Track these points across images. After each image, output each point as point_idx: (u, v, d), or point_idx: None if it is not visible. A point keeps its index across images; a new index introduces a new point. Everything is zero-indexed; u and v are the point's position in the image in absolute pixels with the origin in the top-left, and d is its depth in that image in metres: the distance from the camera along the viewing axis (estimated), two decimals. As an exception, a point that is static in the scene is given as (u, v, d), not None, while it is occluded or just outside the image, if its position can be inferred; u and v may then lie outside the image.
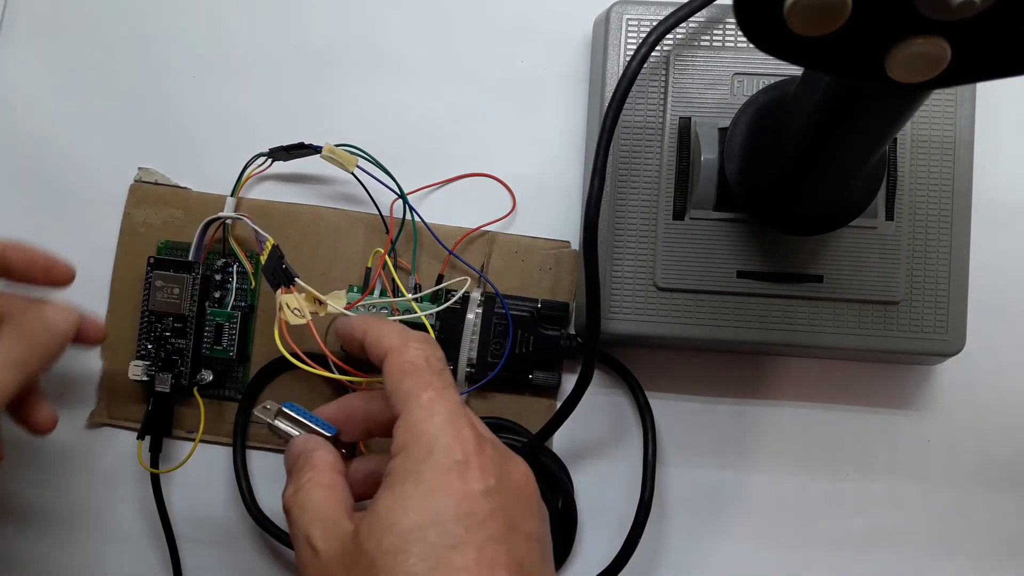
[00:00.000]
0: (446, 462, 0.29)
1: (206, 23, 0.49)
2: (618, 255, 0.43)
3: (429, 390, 0.31)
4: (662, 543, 0.46)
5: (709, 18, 0.43)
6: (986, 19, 0.22)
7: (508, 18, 0.48)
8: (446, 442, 0.30)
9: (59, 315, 0.37)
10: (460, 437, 0.30)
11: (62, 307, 0.38)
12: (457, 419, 0.31)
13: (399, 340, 0.33)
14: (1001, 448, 0.46)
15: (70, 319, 0.38)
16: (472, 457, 0.30)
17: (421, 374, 0.32)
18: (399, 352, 0.33)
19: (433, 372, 0.32)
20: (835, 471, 0.46)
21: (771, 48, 0.25)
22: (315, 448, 0.34)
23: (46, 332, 0.37)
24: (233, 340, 0.46)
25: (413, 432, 0.30)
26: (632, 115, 0.43)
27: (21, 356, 0.35)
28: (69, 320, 0.38)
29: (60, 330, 0.37)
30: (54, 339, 0.37)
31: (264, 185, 0.48)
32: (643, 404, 0.45)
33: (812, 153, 0.34)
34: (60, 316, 0.37)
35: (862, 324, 0.42)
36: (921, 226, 0.42)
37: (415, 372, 0.32)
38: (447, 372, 0.33)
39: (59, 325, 0.37)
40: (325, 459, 0.34)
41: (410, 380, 0.32)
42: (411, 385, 0.31)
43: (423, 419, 0.30)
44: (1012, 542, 0.46)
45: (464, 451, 0.30)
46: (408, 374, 0.32)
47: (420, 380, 0.32)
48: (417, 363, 0.32)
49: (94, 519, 0.47)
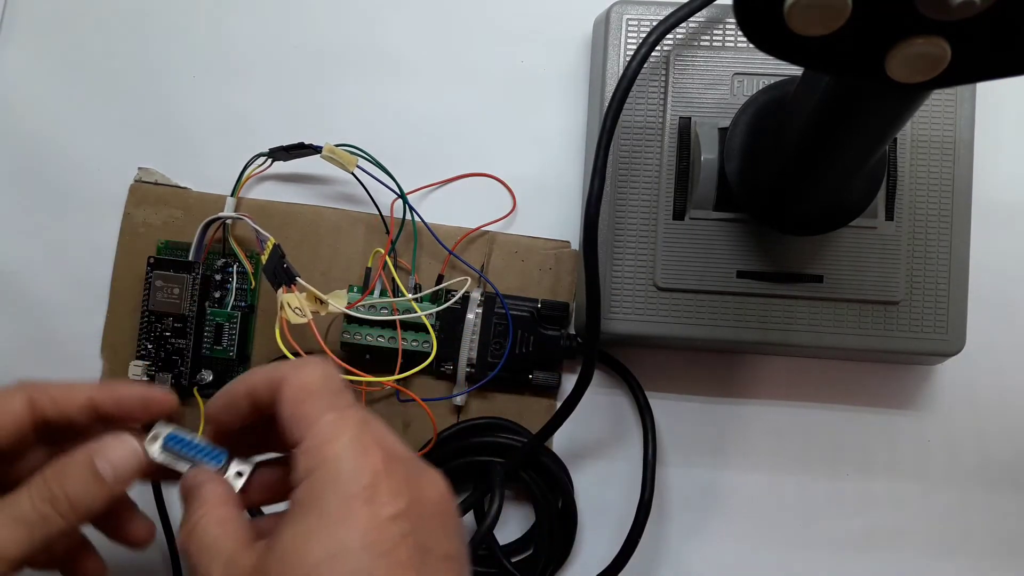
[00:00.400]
0: (353, 488, 0.28)
1: (206, 23, 0.49)
2: (618, 255, 0.43)
3: (330, 412, 0.29)
4: (662, 543, 0.46)
5: (709, 18, 0.43)
6: (986, 19, 0.22)
7: (508, 18, 0.48)
8: (351, 466, 0.28)
9: (112, 452, 0.31)
10: (367, 459, 0.28)
11: (119, 444, 0.32)
12: (363, 439, 0.29)
13: (291, 367, 0.31)
14: (1001, 448, 0.46)
15: (123, 461, 0.31)
16: (380, 480, 0.28)
17: (320, 396, 0.30)
18: (293, 378, 0.30)
19: (333, 392, 0.30)
20: (835, 471, 0.46)
21: (771, 48, 0.25)
22: (203, 482, 0.31)
23: (83, 476, 0.31)
24: (233, 340, 0.46)
25: (316, 457, 0.28)
26: (632, 115, 0.43)
27: (40, 515, 0.30)
28: (122, 462, 0.31)
29: (104, 475, 0.31)
30: (93, 486, 0.31)
31: (264, 185, 0.48)
32: (643, 404, 0.45)
33: (812, 153, 0.34)
34: (112, 454, 0.31)
35: (862, 324, 0.42)
36: (921, 226, 0.42)
37: (313, 395, 0.30)
38: (347, 391, 0.31)
39: (105, 467, 0.31)
40: (215, 492, 0.31)
41: (309, 404, 0.29)
42: (310, 408, 0.29)
43: (326, 442, 0.28)
44: (1012, 542, 0.46)
45: (372, 474, 0.28)
46: (306, 399, 0.30)
47: (320, 403, 0.29)
48: (315, 386, 0.30)
49: (94, 519, 0.47)
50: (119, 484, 0.31)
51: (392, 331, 0.45)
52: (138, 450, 0.32)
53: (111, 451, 0.31)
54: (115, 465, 0.31)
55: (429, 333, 0.44)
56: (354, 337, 0.45)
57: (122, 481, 0.31)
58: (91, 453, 0.31)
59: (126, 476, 0.31)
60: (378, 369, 0.44)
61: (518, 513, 0.46)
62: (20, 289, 0.48)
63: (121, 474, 0.31)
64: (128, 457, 0.32)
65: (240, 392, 0.31)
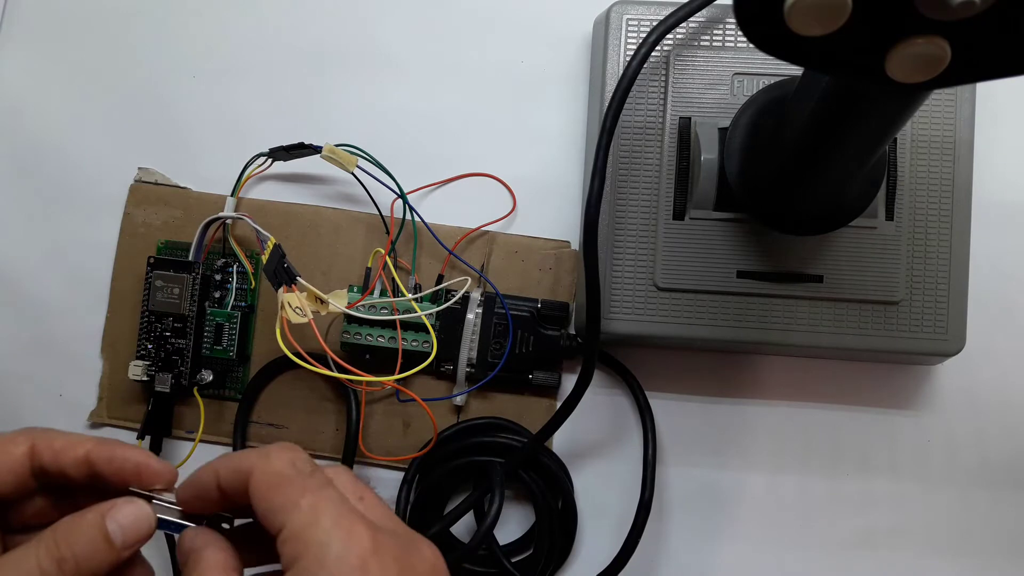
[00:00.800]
0: (344, 571, 0.27)
1: (206, 23, 0.49)
2: (618, 255, 0.43)
3: (307, 495, 0.28)
4: (662, 543, 0.46)
5: (709, 18, 0.43)
6: (986, 19, 0.22)
7: (508, 18, 0.48)
8: (338, 549, 0.27)
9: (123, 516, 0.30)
10: (353, 540, 0.27)
11: (131, 507, 0.30)
12: (345, 519, 0.28)
13: (257, 455, 0.29)
14: (1001, 448, 0.46)
15: (133, 526, 0.30)
16: (369, 559, 0.27)
17: (292, 481, 0.29)
18: (262, 466, 0.29)
19: (305, 476, 0.29)
20: (835, 471, 0.46)
21: (771, 48, 0.25)
22: (203, 546, 0.30)
23: (92, 538, 0.30)
24: (233, 340, 0.46)
25: (299, 544, 0.27)
26: (632, 115, 0.43)
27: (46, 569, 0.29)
28: (132, 526, 0.30)
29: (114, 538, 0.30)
30: (101, 548, 0.29)
31: (264, 185, 0.48)
32: (643, 404, 0.45)
33: (812, 153, 0.34)
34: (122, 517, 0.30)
35: (862, 324, 0.42)
36: (921, 226, 0.42)
37: (286, 481, 0.29)
38: (320, 471, 0.30)
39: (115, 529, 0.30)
40: (216, 559, 0.29)
41: (282, 490, 0.28)
42: (285, 496, 0.28)
43: (307, 527, 0.27)
44: (1012, 542, 0.46)
45: (360, 554, 0.27)
46: (279, 486, 0.29)
47: (293, 488, 0.28)
48: (285, 471, 0.29)
49: (94, 519, 0.47)
50: (127, 549, 0.30)
51: (392, 331, 0.45)
52: (150, 515, 0.31)
53: (123, 515, 0.30)
54: (125, 529, 0.30)
55: (429, 333, 0.44)
56: (354, 337, 0.45)
57: (130, 546, 0.30)
58: (103, 514, 0.30)
59: (135, 541, 0.30)
60: (378, 369, 0.44)
61: (518, 513, 0.46)
62: (20, 289, 0.48)
63: (130, 538, 0.30)
64: (139, 522, 0.30)
65: (207, 483, 0.30)
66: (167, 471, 0.32)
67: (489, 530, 0.41)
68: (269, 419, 0.47)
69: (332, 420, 0.46)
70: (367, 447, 0.45)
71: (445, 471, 0.44)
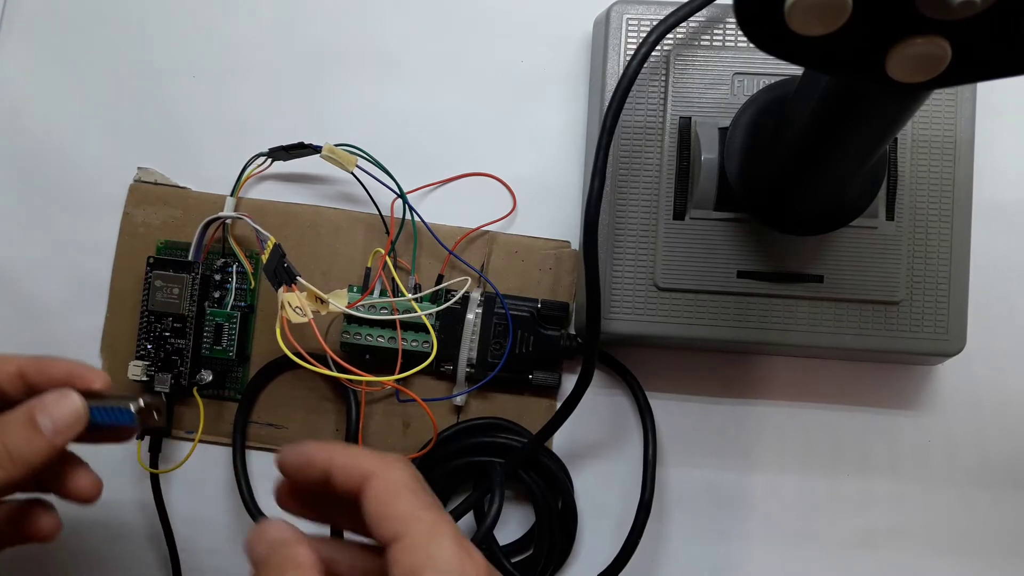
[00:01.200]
0: None
1: (206, 23, 0.49)
2: (618, 255, 0.43)
3: (431, 510, 0.29)
4: (662, 543, 0.46)
5: (709, 18, 0.43)
6: (986, 19, 0.22)
7: (508, 18, 0.48)
8: (459, 567, 0.28)
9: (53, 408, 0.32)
10: (472, 562, 0.28)
11: (60, 399, 0.32)
12: (465, 543, 0.29)
13: (380, 461, 0.30)
14: (1001, 448, 0.46)
15: (62, 416, 0.32)
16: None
17: (414, 494, 0.29)
18: (384, 473, 0.30)
19: (424, 492, 0.30)
20: (835, 471, 0.46)
21: (771, 48, 0.25)
22: (296, 542, 0.30)
23: (25, 430, 0.32)
24: (233, 340, 0.46)
25: (422, 555, 0.28)
26: (632, 115, 0.43)
27: None
28: (61, 416, 0.32)
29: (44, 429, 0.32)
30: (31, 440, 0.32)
31: (264, 185, 0.48)
32: (643, 404, 0.45)
33: (812, 153, 0.34)
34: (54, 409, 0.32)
35: (862, 324, 0.42)
36: (921, 226, 0.42)
37: (409, 493, 0.29)
38: (433, 495, 0.31)
39: (45, 421, 0.32)
40: (309, 558, 0.29)
41: (404, 501, 0.29)
42: (406, 507, 0.29)
43: (432, 542, 0.28)
44: (1012, 542, 0.46)
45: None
46: (402, 495, 0.29)
47: (415, 501, 0.29)
48: (410, 484, 0.30)
49: (94, 519, 0.47)
50: (59, 438, 0.32)
51: (392, 331, 0.45)
52: (79, 406, 0.32)
53: (52, 407, 0.32)
54: (55, 419, 0.32)
55: (429, 333, 0.44)
56: (354, 337, 0.45)
57: (62, 435, 0.32)
58: (32, 408, 0.32)
59: (66, 431, 0.32)
60: (378, 369, 0.44)
61: (518, 513, 0.46)
62: (20, 289, 0.48)
63: (61, 428, 0.32)
64: (68, 413, 0.32)
65: (317, 464, 0.31)
66: (98, 374, 0.34)
67: (489, 530, 0.41)
68: (269, 419, 0.47)
69: (332, 420, 0.46)
70: (367, 447, 0.45)
71: (445, 471, 0.44)
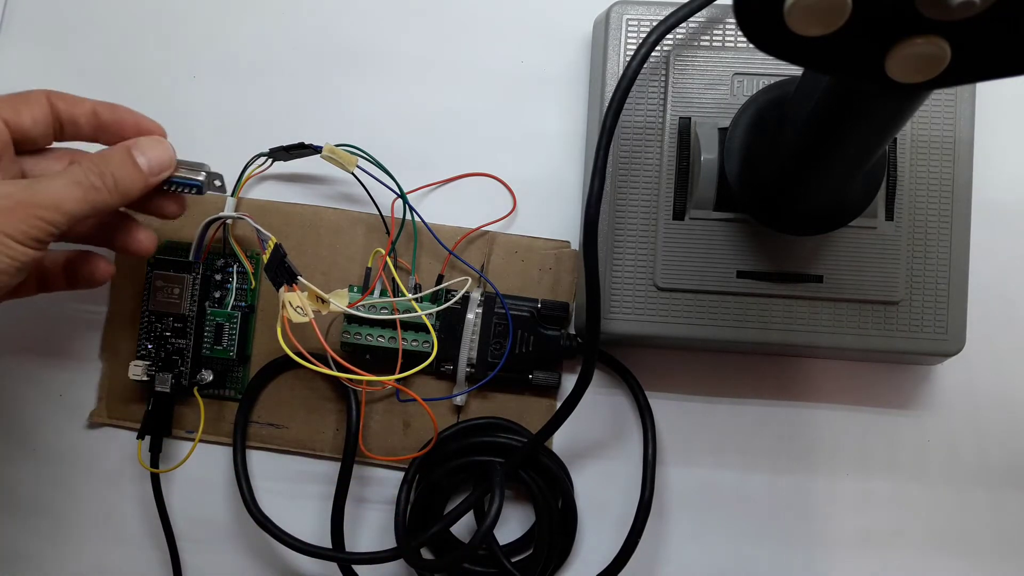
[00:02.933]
0: None
1: (206, 23, 0.49)
2: (618, 255, 0.43)
3: None
4: (662, 543, 0.46)
5: (709, 18, 0.43)
6: (986, 19, 0.22)
7: (508, 18, 0.48)
8: None
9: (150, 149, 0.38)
10: None
11: (156, 144, 0.39)
12: None
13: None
14: (1001, 448, 0.46)
15: (159, 159, 0.38)
16: None
17: None
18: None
19: None
20: (835, 471, 0.46)
21: (771, 48, 0.25)
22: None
23: (128, 163, 0.37)
24: (233, 340, 0.46)
25: None
26: (632, 115, 0.43)
27: (93, 182, 0.36)
28: (157, 159, 0.38)
29: (145, 165, 0.38)
30: (132, 172, 0.37)
31: (264, 185, 0.48)
32: (643, 404, 0.45)
33: (812, 153, 0.34)
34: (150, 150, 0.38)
35: (862, 324, 0.42)
36: (921, 226, 0.42)
37: None
38: None
39: (145, 158, 0.38)
40: None
41: None
42: None
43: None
44: (1012, 542, 0.46)
45: None
46: None
47: None
48: None
49: (94, 518, 0.47)
50: (153, 175, 0.38)
51: (392, 331, 0.45)
52: (170, 148, 0.39)
53: (148, 148, 0.38)
54: (151, 159, 0.38)
55: (429, 333, 0.44)
56: (354, 337, 0.45)
57: (155, 173, 0.38)
58: (130, 147, 0.38)
59: (159, 170, 0.38)
60: (378, 369, 0.44)
61: (518, 513, 0.46)
62: None
63: (155, 167, 0.38)
64: (162, 153, 0.39)
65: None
66: (157, 126, 0.40)
67: (489, 530, 0.41)
68: (269, 419, 0.47)
69: (332, 420, 0.46)
70: (367, 447, 0.46)
71: (445, 471, 0.44)
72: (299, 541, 0.44)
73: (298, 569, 0.47)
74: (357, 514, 0.46)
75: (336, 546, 0.45)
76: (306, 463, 0.47)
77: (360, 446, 0.45)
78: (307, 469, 0.47)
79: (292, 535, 0.44)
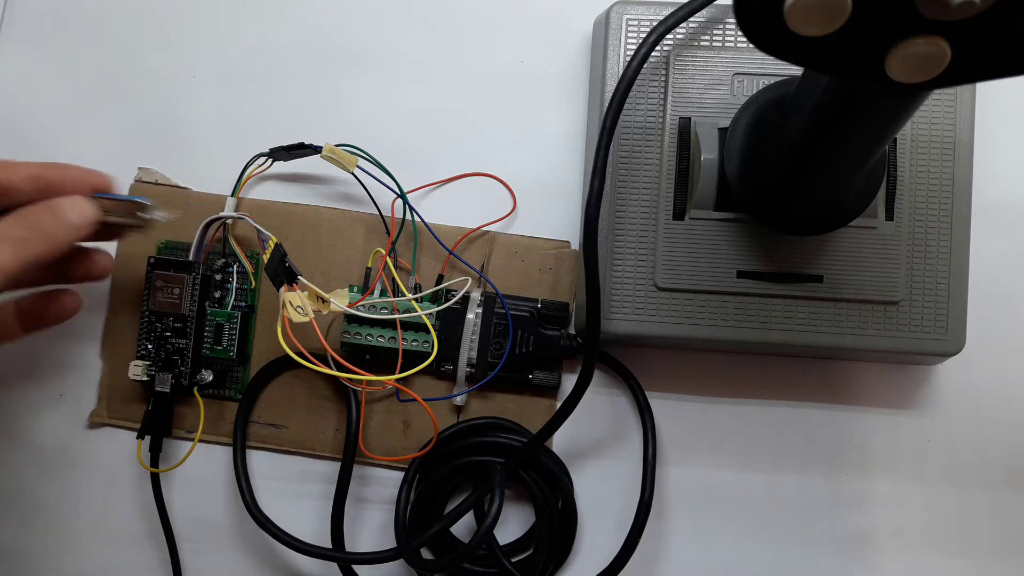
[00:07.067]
0: None
1: (207, 23, 0.49)
2: (618, 255, 0.43)
3: None
4: (662, 543, 0.46)
5: (709, 18, 0.43)
6: (986, 19, 0.23)
7: (508, 18, 0.48)
8: None
9: (71, 206, 0.38)
10: None
11: (78, 201, 0.38)
12: None
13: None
14: (1001, 448, 0.46)
15: (82, 213, 0.38)
16: None
17: None
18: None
19: None
20: (835, 471, 0.46)
21: (771, 48, 0.25)
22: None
23: (53, 217, 0.37)
24: (233, 340, 0.46)
25: None
26: (632, 115, 0.43)
27: (22, 235, 0.36)
28: (80, 214, 0.38)
29: (68, 219, 0.38)
30: (59, 225, 0.38)
31: (264, 185, 0.48)
32: (643, 404, 0.45)
33: (812, 153, 0.34)
34: (71, 208, 0.38)
35: (862, 324, 0.42)
36: (921, 226, 0.42)
37: None
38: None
39: (67, 214, 0.38)
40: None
41: None
42: None
43: None
44: (1012, 542, 0.46)
45: None
46: None
47: None
48: None
49: (94, 518, 0.47)
50: (84, 229, 0.38)
51: (392, 331, 0.45)
52: (93, 204, 0.39)
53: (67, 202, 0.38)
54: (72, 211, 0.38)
55: (430, 333, 0.44)
56: (355, 337, 0.45)
57: (85, 226, 0.38)
58: (50, 204, 0.38)
59: (87, 222, 0.38)
60: (378, 369, 0.44)
61: (518, 513, 0.46)
62: None
63: (86, 219, 0.38)
64: (83, 206, 0.38)
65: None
66: (106, 179, 0.41)
67: (489, 530, 0.41)
68: (269, 419, 0.47)
69: (332, 420, 0.46)
70: (367, 447, 0.46)
71: (445, 471, 0.44)
72: (299, 541, 0.44)
73: (298, 569, 0.47)
74: (357, 514, 0.46)
75: (336, 546, 0.45)
76: (306, 463, 0.47)
77: (360, 446, 0.45)
78: (307, 469, 0.47)
79: (292, 535, 0.44)
